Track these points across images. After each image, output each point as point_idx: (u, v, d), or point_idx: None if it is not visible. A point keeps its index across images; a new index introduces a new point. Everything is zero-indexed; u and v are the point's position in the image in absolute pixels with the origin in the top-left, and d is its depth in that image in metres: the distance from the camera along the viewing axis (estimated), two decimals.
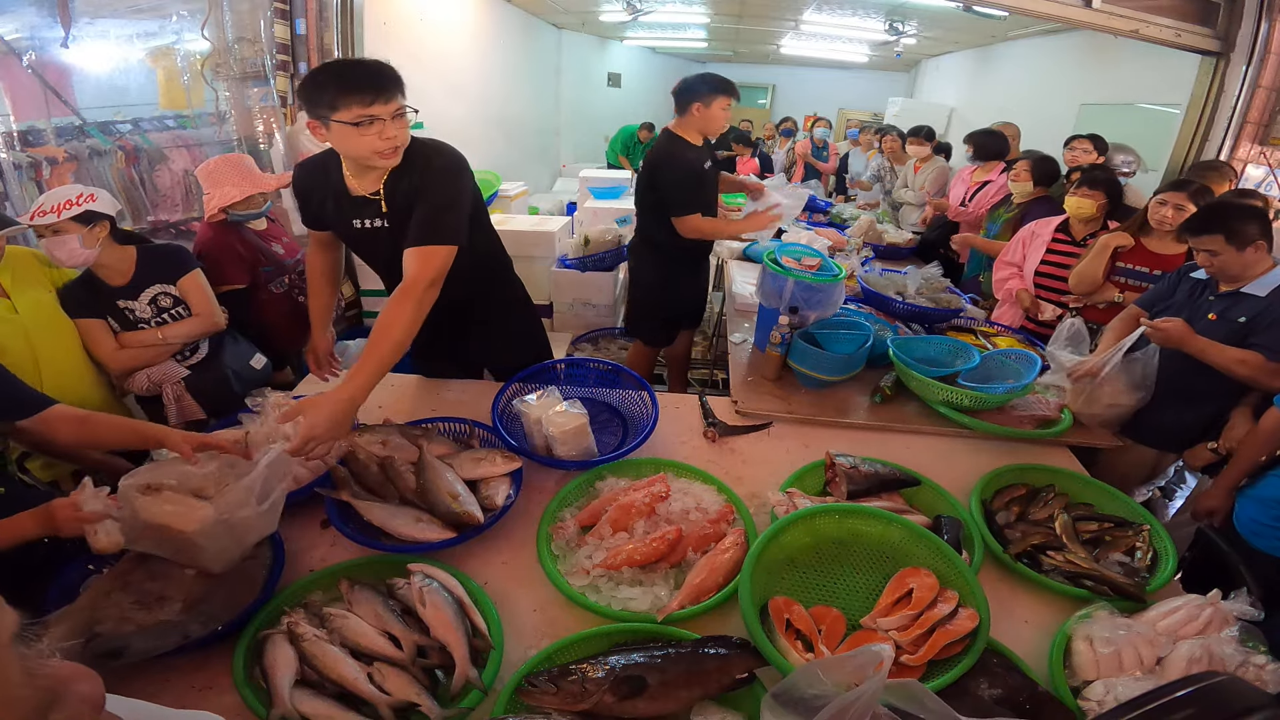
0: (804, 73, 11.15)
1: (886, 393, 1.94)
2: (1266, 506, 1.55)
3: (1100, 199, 2.47)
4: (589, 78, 9.21)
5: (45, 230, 1.69)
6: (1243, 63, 3.17)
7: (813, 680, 0.77)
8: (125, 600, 1.09)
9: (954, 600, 1.11)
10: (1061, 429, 1.75)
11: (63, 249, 1.71)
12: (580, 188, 4.93)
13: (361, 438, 1.43)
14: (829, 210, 4.60)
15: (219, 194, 2.17)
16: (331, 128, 1.36)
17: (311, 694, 0.98)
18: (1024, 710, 0.98)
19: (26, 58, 2.13)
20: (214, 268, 2.13)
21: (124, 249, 1.86)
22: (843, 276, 2.09)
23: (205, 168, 2.21)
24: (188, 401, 1.93)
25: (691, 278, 2.89)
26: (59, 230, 1.69)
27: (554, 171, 8.04)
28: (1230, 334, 1.71)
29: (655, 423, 1.64)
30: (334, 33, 3.10)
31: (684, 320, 3.03)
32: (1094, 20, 3.23)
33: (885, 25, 6.32)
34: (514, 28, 6.95)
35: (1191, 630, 1.10)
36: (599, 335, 3.74)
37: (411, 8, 4.86)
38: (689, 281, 2.89)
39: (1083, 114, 5.32)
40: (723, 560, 1.22)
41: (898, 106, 8.26)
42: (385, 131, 1.36)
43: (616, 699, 0.92)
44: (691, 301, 2.99)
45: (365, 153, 1.39)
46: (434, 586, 1.11)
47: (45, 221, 1.66)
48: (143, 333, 1.87)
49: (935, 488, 1.50)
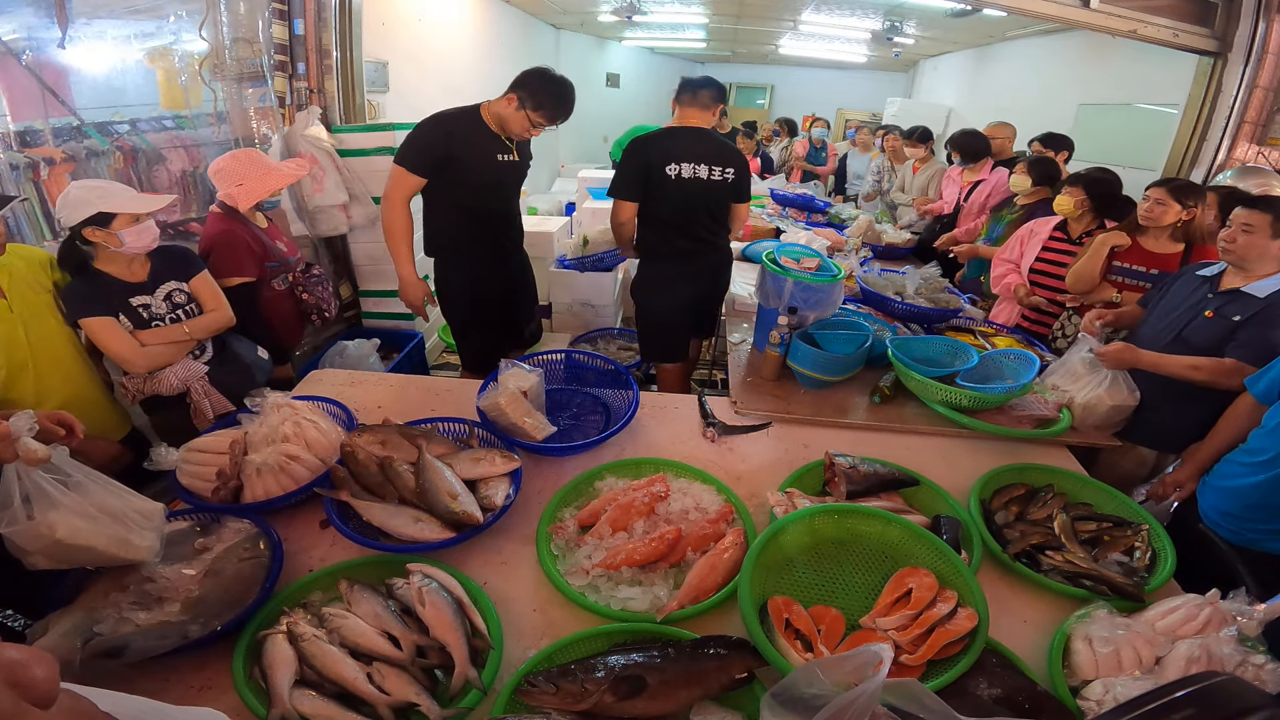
0: (802, 73, 11.15)
1: (885, 393, 1.95)
2: (1225, 496, 1.59)
3: (1078, 195, 2.51)
4: (588, 78, 9.19)
5: (143, 215, 1.73)
6: (1240, 63, 3.18)
7: (812, 680, 0.77)
8: (124, 600, 1.09)
9: (953, 600, 1.11)
10: (1060, 429, 1.75)
11: (149, 234, 1.76)
12: (579, 188, 4.93)
13: (361, 438, 1.43)
14: (828, 210, 4.60)
15: (250, 188, 2.19)
16: (520, 110, 2.16)
17: (311, 694, 0.97)
18: (1023, 710, 0.98)
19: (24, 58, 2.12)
20: (227, 259, 2.13)
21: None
22: (841, 277, 2.09)
23: (219, 165, 2.22)
24: (216, 396, 1.93)
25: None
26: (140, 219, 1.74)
27: (553, 172, 8.04)
28: (1224, 332, 1.71)
29: (636, 407, 1.71)
30: (332, 33, 3.11)
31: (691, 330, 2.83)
32: (1092, 20, 3.24)
33: (884, 25, 6.32)
34: (512, 28, 6.95)
35: (1190, 630, 1.10)
36: (598, 335, 3.75)
37: (410, 8, 4.86)
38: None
39: (1081, 114, 5.33)
40: (722, 560, 1.22)
41: (896, 106, 8.27)
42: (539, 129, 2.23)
43: (616, 699, 0.92)
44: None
45: (520, 130, 2.22)
46: (433, 586, 1.11)
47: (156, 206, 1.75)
48: (166, 329, 1.86)
49: (934, 488, 1.50)
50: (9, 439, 1.02)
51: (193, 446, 1.44)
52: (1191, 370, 1.72)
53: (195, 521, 1.31)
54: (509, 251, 2.54)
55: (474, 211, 2.32)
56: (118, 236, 1.71)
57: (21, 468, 1.03)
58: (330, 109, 3.22)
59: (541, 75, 2.18)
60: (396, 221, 2.25)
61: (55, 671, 0.39)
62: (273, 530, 1.26)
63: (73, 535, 1.04)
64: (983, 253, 3.26)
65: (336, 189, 3.04)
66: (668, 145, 2.38)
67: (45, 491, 1.04)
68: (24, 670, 0.38)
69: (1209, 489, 1.66)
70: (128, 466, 1.75)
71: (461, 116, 2.23)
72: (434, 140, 2.19)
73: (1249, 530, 1.53)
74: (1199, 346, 1.74)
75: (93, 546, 1.07)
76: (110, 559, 1.10)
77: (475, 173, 2.25)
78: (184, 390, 1.90)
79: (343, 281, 3.49)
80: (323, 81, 3.16)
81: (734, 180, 2.46)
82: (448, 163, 2.19)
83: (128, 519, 1.12)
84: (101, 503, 1.10)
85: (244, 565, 1.17)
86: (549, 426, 1.57)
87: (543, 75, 2.18)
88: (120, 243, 1.72)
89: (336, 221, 3.13)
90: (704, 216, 2.48)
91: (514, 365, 1.65)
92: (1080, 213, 2.54)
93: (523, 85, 2.16)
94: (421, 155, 2.18)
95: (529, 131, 2.23)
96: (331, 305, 2.51)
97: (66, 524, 1.04)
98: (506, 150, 2.29)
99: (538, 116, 2.17)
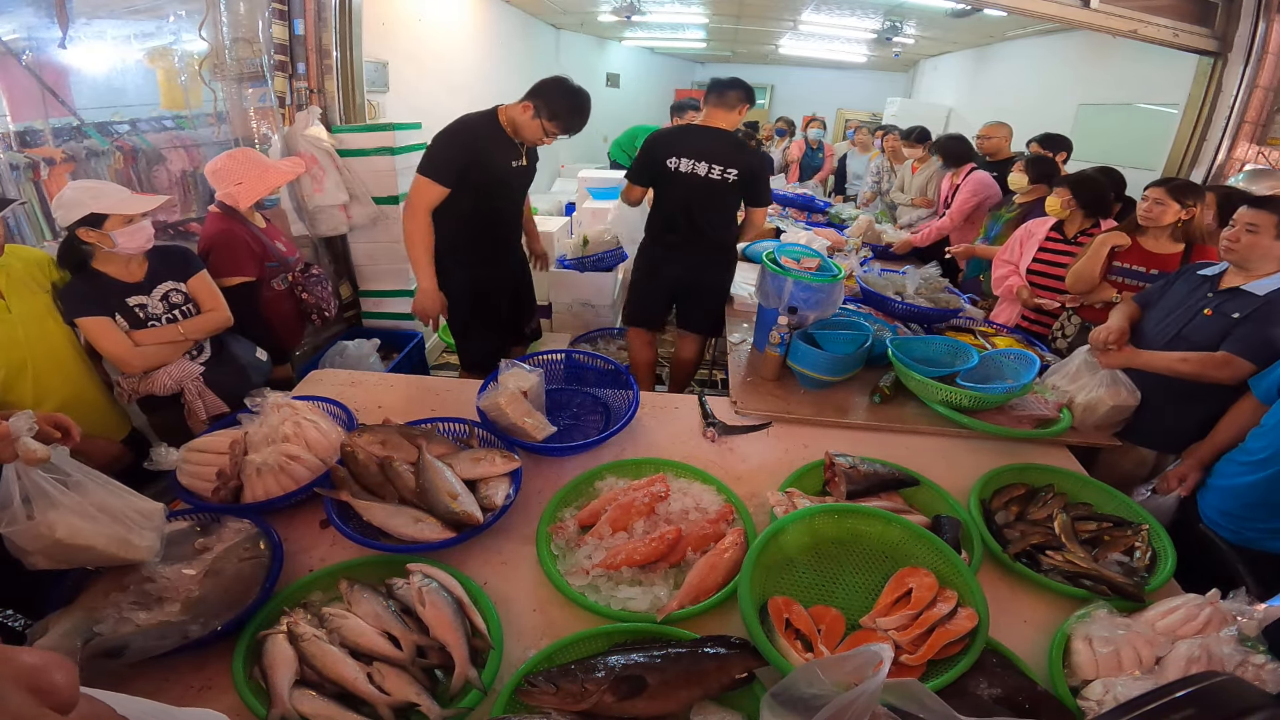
0: (802, 73, 11.16)
1: (885, 393, 1.95)
2: (1225, 495, 1.60)
3: (1065, 195, 2.56)
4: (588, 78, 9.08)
5: (136, 216, 1.73)
6: (1240, 63, 3.18)
7: (812, 680, 0.77)
8: (124, 600, 1.09)
9: (953, 600, 1.11)
10: (1060, 429, 1.75)
11: (143, 234, 1.75)
12: (579, 188, 4.93)
13: (361, 438, 1.43)
14: (828, 210, 4.60)
15: (249, 186, 2.19)
16: (535, 119, 2.18)
17: (311, 694, 0.97)
18: (1023, 710, 0.98)
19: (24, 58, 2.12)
20: (227, 259, 2.13)
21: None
22: (841, 276, 2.09)
23: (216, 165, 2.22)
24: (210, 397, 1.93)
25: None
26: (134, 219, 1.73)
27: (553, 172, 8.03)
28: (1224, 330, 1.71)
29: (636, 407, 1.71)
30: (332, 33, 3.10)
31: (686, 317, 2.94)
32: (1092, 20, 3.24)
33: (884, 25, 6.31)
34: (512, 28, 6.95)
35: (1190, 630, 1.10)
36: (597, 335, 3.74)
37: (410, 8, 4.86)
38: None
39: (1080, 114, 5.33)
40: (722, 560, 1.22)
41: (896, 106, 8.27)
42: (552, 138, 2.27)
43: (616, 699, 0.92)
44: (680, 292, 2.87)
45: (533, 138, 2.26)
46: (433, 586, 1.11)
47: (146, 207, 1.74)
48: (162, 329, 1.85)
49: (934, 488, 1.50)
50: (8, 439, 1.02)
51: (193, 446, 1.44)
52: (1180, 363, 1.74)
53: (195, 521, 1.31)
54: (509, 250, 2.56)
55: (480, 214, 2.34)
56: (110, 237, 1.71)
57: (21, 467, 1.03)
58: (330, 109, 3.22)
59: (559, 85, 2.19)
60: (418, 231, 2.25)
61: (75, 677, 0.40)
62: (273, 530, 1.26)
63: (72, 535, 1.04)
64: (979, 252, 3.27)
65: (336, 189, 3.04)
66: (676, 140, 2.57)
67: (45, 491, 1.04)
68: (44, 675, 0.38)
69: (1209, 489, 1.66)
70: (128, 466, 1.74)
71: (481, 124, 2.25)
72: (458, 150, 2.21)
73: (1249, 529, 1.53)
74: (1199, 345, 1.74)
75: (92, 546, 1.07)
76: (110, 559, 1.10)
77: (489, 179, 2.29)
78: (178, 390, 1.90)
79: (343, 281, 3.49)
80: (323, 81, 3.16)
81: (737, 181, 2.52)
82: (468, 171, 2.22)
83: (127, 519, 1.12)
84: (101, 502, 1.10)
85: (244, 565, 1.17)
86: (549, 426, 1.56)
87: (560, 85, 2.19)
88: (113, 243, 1.72)
89: (336, 221, 3.13)
90: (696, 211, 2.58)
91: (514, 365, 1.65)
92: (1069, 212, 2.56)
93: (539, 94, 2.18)
94: (447, 166, 2.20)
95: (542, 140, 2.26)
96: (331, 305, 2.51)
97: (66, 524, 1.04)
98: (519, 156, 2.34)
99: (552, 126, 2.20)
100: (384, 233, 3.35)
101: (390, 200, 3.29)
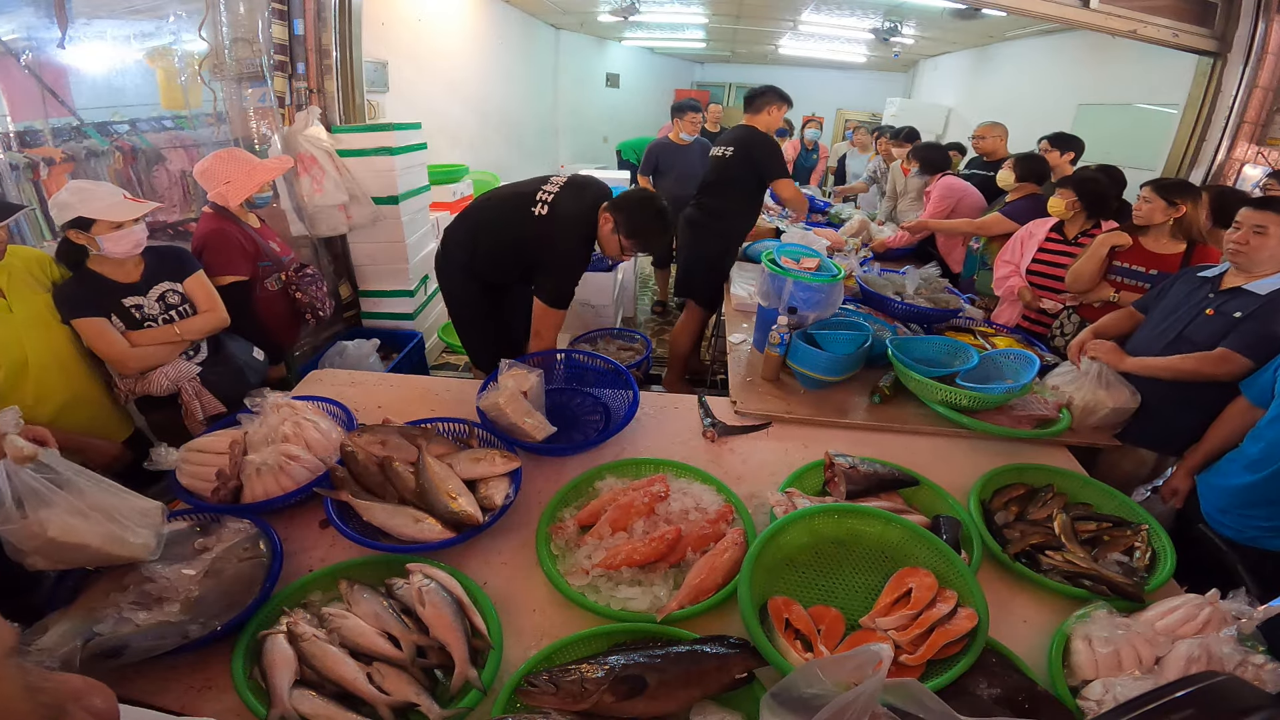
0: (802, 73, 11.12)
1: (885, 393, 1.95)
2: (1225, 494, 1.61)
3: (1069, 196, 2.54)
4: (587, 78, 9.20)
5: (126, 221, 1.72)
6: (1240, 63, 3.18)
7: (812, 680, 0.77)
8: (124, 600, 1.09)
9: (953, 600, 1.11)
10: (1060, 429, 1.75)
11: (129, 240, 1.74)
12: None
13: (360, 438, 1.43)
14: (827, 210, 4.60)
15: (237, 184, 2.18)
16: (614, 234, 2.11)
17: (311, 694, 0.97)
18: (1023, 710, 0.98)
19: (24, 58, 2.12)
20: (219, 257, 2.12)
21: None
22: (841, 277, 2.10)
23: (204, 166, 2.21)
24: (207, 398, 1.93)
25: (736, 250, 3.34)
26: (123, 224, 1.73)
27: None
28: (1225, 329, 1.72)
29: (636, 407, 1.73)
30: (332, 33, 3.10)
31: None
32: (1092, 20, 3.24)
33: (883, 25, 6.31)
34: (512, 28, 6.95)
35: (1190, 630, 1.10)
36: (598, 335, 3.74)
37: (409, 8, 4.86)
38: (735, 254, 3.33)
39: (1080, 114, 5.33)
40: (722, 560, 1.22)
41: (896, 107, 8.27)
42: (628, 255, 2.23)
43: (616, 699, 0.92)
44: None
45: (611, 253, 2.18)
46: (433, 586, 1.11)
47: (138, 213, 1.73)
48: (157, 330, 1.85)
49: (934, 488, 1.50)
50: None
51: (192, 447, 1.44)
52: (1179, 363, 1.74)
53: (195, 521, 1.31)
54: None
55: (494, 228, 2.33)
56: (96, 241, 1.71)
57: (11, 467, 1.04)
58: (330, 109, 3.22)
59: (645, 203, 2.13)
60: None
61: (114, 701, 0.42)
62: (272, 530, 1.26)
63: (65, 533, 1.04)
64: (934, 226, 3.47)
65: (336, 189, 3.04)
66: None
67: (36, 490, 1.05)
68: (86, 699, 0.41)
69: (1210, 488, 1.67)
70: (129, 466, 1.74)
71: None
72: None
73: (1250, 528, 1.53)
74: (1201, 345, 1.74)
75: (87, 544, 1.07)
76: (106, 557, 1.10)
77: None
78: (175, 390, 1.89)
79: (342, 281, 3.49)
80: (322, 81, 3.16)
81: (732, 157, 3.04)
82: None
83: (122, 517, 1.12)
84: (94, 500, 1.10)
85: (244, 565, 1.17)
86: (549, 426, 1.57)
87: (644, 203, 2.13)
88: (99, 248, 1.72)
89: (336, 221, 3.13)
90: (709, 185, 3.18)
91: (514, 365, 1.65)
92: (1073, 214, 2.55)
93: (621, 209, 2.11)
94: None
95: (620, 257, 2.20)
96: (326, 304, 2.50)
97: (59, 522, 1.04)
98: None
99: (630, 244, 2.13)
100: (383, 233, 3.35)
101: (390, 200, 3.29)
